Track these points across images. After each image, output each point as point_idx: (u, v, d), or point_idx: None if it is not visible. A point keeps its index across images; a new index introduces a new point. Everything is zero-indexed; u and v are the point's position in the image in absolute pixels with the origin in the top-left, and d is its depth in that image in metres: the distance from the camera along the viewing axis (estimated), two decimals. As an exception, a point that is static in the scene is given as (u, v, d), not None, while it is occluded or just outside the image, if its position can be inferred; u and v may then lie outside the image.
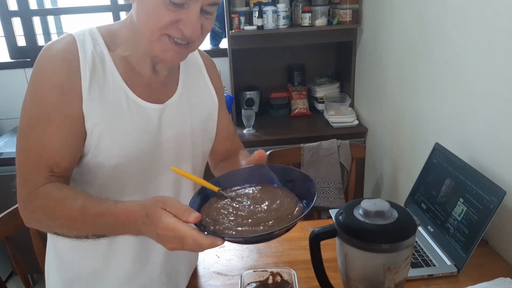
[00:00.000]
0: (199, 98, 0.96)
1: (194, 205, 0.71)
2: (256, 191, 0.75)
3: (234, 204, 0.72)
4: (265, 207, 0.71)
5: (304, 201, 0.73)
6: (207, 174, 0.99)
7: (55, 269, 0.95)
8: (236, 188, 0.77)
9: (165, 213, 0.64)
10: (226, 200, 0.73)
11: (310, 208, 0.69)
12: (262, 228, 0.66)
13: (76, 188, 0.82)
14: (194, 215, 0.64)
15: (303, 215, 0.68)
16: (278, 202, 0.71)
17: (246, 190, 0.76)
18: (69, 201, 0.73)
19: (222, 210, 0.71)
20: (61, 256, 0.93)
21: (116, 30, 0.85)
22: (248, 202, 0.72)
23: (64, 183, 0.79)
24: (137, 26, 0.79)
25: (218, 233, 0.66)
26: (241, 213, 0.70)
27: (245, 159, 0.85)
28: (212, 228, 0.67)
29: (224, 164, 1.01)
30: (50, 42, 0.80)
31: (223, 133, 1.02)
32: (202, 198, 0.75)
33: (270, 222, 0.67)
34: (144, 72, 0.86)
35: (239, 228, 0.67)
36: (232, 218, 0.69)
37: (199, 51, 1.02)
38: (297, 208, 0.70)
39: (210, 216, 0.70)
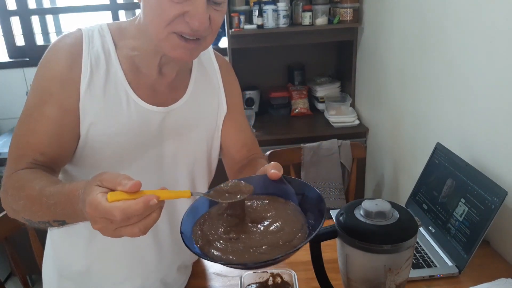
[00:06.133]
0: (208, 105, 0.93)
1: (188, 222, 0.65)
2: (260, 205, 0.69)
3: (230, 219, 0.66)
4: (262, 228, 0.64)
5: (310, 222, 0.67)
6: (214, 185, 0.97)
7: (51, 263, 0.94)
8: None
9: (97, 189, 0.56)
10: (225, 213, 0.67)
11: (311, 237, 0.61)
12: (251, 253, 0.60)
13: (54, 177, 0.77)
14: (131, 183, 0.55)
15: (297, 248, 0.59)
16: (279, 223, 0.65)
17: (250, 203, 0.70)
18: (34, 182, 0.70)
19: (216, 225, 0.65)
20: (57, 251, 0.93)
21: (126, 28, 0.84)
22: (248, 218, 0.66)
23: (47, 172, 0.76)
24: (144, 25, 0.78)
25: (203, 252, 0.60)
26: (233, 232, 0.64)
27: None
28: (199, 244, 0.62)
29: (240, 175, 0.94)
30: (59, 37, 0.82)
31: (239, 139, 0.98)
32: (203, 206, 0.70)
33: (263, 248, 0.61)
34: (150, 73, 0.84)
35: (227, 249, 0.61)
36: (223, 236, 0.63)
37: (216, 54, 0.99)
38: (299, 235, 0.63)
39: (202, 229, 0.64)
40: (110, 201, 0.54)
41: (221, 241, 0.63)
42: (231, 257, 0.60)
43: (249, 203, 0.70)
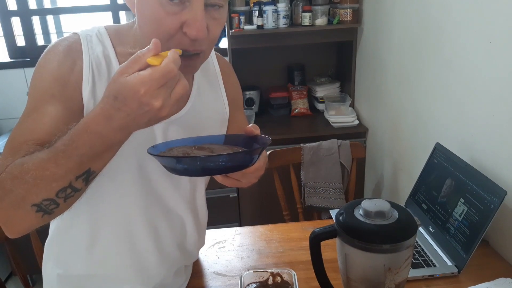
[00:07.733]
0: (210, 112, 0.92)
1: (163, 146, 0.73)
2: (224, 148, 0.75)
3: (195, 150, 0.73)
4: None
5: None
6: (213, 185, 0.98)
7: (51, 265, 0.94)
8: (210, 143, 0.78)
9: (131, 75, 0.56)
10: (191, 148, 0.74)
11: (259, 148, 0.70)
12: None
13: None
14: (152, 45, 0.57)
15: (250, 149, 0.69)
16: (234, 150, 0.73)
17: (215, 146, 0.76)
18: (36, 152, 0.64)
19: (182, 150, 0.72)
20: (57, 256, 0.92)
21: (124, 34, 0.81)
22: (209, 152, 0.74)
23: None
24: (141, 37, 0.75)
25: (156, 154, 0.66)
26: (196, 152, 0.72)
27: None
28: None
29: None
30: (56, 40, 0.78)
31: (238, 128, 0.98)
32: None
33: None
34: None
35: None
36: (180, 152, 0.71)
37: (217, 55, 0.96)
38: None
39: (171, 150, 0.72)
40: (158, 64, 0.56)
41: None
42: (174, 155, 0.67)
43: (213, 146, 0.76)
